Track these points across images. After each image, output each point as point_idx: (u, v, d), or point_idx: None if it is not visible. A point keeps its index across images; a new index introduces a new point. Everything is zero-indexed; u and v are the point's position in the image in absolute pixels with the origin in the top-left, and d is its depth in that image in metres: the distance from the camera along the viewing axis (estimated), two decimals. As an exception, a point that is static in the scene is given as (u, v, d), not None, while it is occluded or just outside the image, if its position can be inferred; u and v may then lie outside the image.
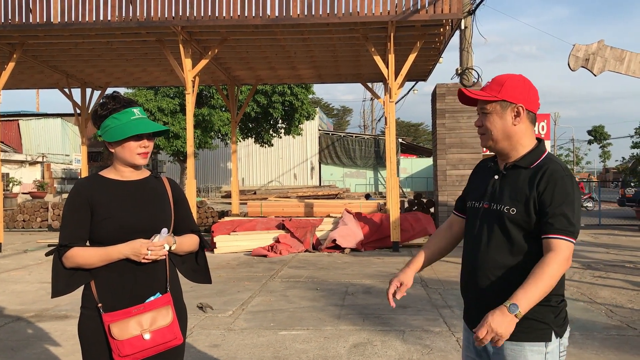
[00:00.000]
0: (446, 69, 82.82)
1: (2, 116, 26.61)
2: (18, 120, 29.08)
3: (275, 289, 7.20)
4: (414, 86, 19.95)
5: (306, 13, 10.50)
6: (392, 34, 10.90)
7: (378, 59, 11.20)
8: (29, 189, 23.90)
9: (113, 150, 2.25)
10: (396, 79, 11.33)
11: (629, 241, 12.21)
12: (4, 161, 23.01)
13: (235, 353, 4.59)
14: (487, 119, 2.04)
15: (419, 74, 15.72)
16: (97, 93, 16.62)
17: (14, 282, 7.86)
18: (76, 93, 16.06)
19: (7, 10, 10.86)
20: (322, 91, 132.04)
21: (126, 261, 2.17)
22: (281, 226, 11.55)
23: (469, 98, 2.08)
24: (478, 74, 14.23)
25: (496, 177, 2.07)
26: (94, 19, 10.74)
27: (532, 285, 1.82)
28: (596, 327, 5.26)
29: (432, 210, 14.17)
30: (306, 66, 14.57)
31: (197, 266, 2.46)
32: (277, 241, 10.83)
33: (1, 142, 24.44)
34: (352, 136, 40.51)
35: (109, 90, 14.47)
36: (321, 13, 10.50)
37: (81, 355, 2.23)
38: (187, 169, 11.64)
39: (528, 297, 1.81)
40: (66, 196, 3.37)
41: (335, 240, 10.76)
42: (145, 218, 2.24)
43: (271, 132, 28.01)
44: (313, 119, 30.36)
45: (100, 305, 2.16)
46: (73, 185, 2.29)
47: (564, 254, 1.85)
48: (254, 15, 10.59)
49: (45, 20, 10.80)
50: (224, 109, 25.10)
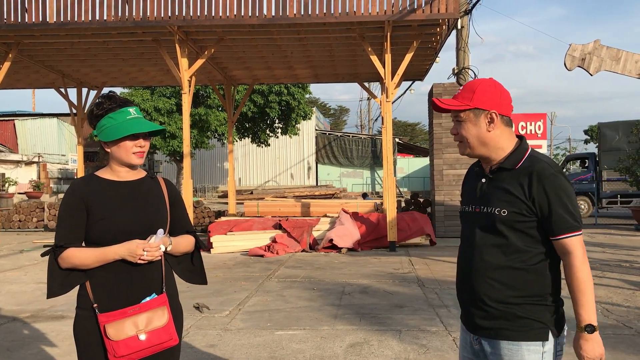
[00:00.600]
0: (443, 69, 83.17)
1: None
2: (14, 120, 29.01)
3: (271, 289, 7.20)
4: (411, 86, 20.01)
5: (303, 13, 10.51)
6: (389, 34, 10.90)
7: (375, 59, 11.20)
8: (25, 189, 23.87)
9: (109, 149, 2.24)
10: (393, 79, 11.34)
11: (625, 240, 12.24)
12: (0, 161, 22.95)
13: (231, 353, 4.58)
14: (462, 127, 2.04)
15: (416, 74, 15.74)
16: (93, 93, 16.59)
17: (10, 283, 7.84)
18: (72, 93, 16.03)
19: (3, 9, 10.83)
20: (319, 91, 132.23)
21: (122, 262, 2.16)
22: (278, 226, 11.54)
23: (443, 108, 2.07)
24: (474, 74, 14.28)
25: (483, 181, 2.07)
26: (90, 19, 10.72)
27: (582, 297, 1.91)
28: (592, 327, 5.26)
29: (429, 209, 14.19)
30: (303, 66, 14.57)
31: (193, 267, 2.46)
32: (274, 241, 10.82)
33: (-3, 142, 24.38)
34: (349, 136, 40.52)
35: (105, 90, 14.41)
36: (318, 13, 10.50)
37: (77, 355, 2.22)
38: (184, 169, 11.64)
39: (587, 310, 1.90)
40: (62, 196, 3.36)
41: (332, 240, 10.75)
42: (141, 219, 2.23)
43: (268, 132, 28.00)
44: (310, 119, 30.36)
45: (95, 305, 2.15)
46: (69, 185, 2.28)
47: (580, 251, 1.94)
48: (251, 15, 10.59)
49: (41, 19, 10.78)
50: (221, 109, 25.10)
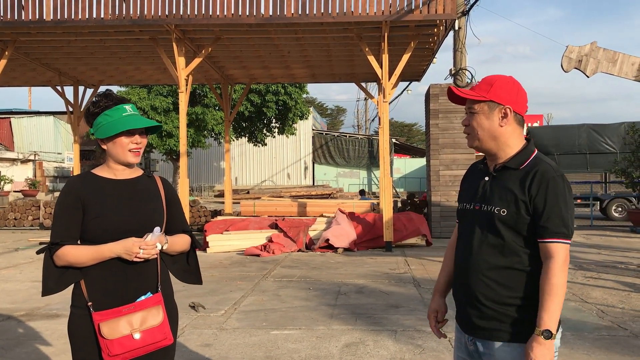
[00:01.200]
0: (440, 70, 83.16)
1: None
2: (10, 118, 28.89)
3: (267, 289, 7.19)
4: (408, 86, 19.98)
5: (300, 12, 10.50)
6: (386, 34, 10.91)
7: (372, 59, 11.20)
8: (21, 187, 23.80)
9: (105, 147, 2.23)
10: (390, 79, 11.34)
11: (621, 242, 12.27)
12: (-4, 159, 22.90)
13: (227, 353, 4.57)
14: (474, 119, 2.04)
15: (413, 74, 15.75)
16: (90, 91, 16.56)
17: (5, 281, 7.82)
18: (69, 91, 16.02)
19: (-1, 7, 10.80)
20: (316, 91, 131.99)
21: (117, 260, 2.16)
22: (274, 226, 11.53)
23: (458, 97, 2.08)
24: (472, 75, 14.31)
25: (486, 179, 2.06)
26: (87, 17, 10.69)
27: (549, 301, 1.86)
28: (587, 328, 5.28)
29: (425, 210, 14.20)
30: (300, 65, 14.56)
31: (188, 266, 2.45)
32: (270, 241, 10.81)
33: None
34: (346, 136, 40.50)
35: (102, 88, 14.41)
36: (315, 12, 10.50)
37: (71, 354, 2.21)
38: (180, 168, 11.61)
39: (551, 316, 1.85)
40: (58, 194, 3.35)
41: (328, 240, 10.75)
42: (137, 217, 2.22)
43: (265, 132, 27.99)
44: (307, 119, 30.36)
45: (90, 304, 2.14)
46: (65, 183, 2.27)
47: (562, 258, 1.87)
48: (248, 14, 10.58)
49: (37, 17, 10.74)
50: (218, 108, 25.06)
